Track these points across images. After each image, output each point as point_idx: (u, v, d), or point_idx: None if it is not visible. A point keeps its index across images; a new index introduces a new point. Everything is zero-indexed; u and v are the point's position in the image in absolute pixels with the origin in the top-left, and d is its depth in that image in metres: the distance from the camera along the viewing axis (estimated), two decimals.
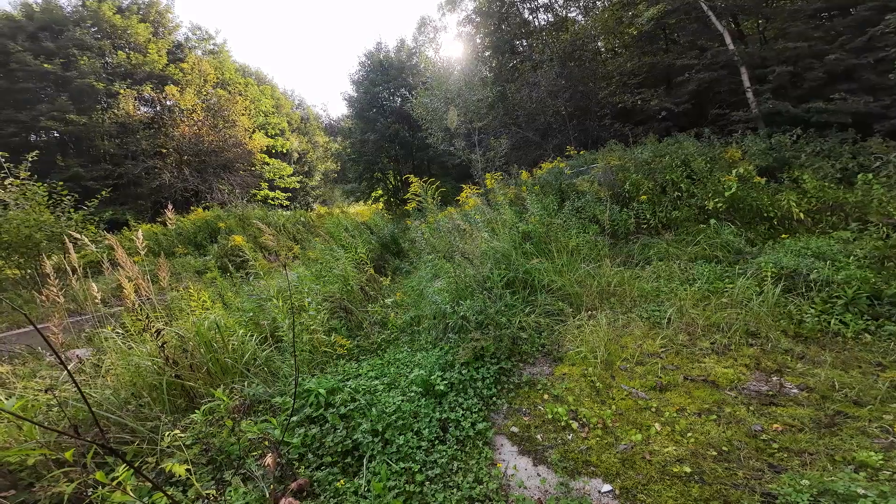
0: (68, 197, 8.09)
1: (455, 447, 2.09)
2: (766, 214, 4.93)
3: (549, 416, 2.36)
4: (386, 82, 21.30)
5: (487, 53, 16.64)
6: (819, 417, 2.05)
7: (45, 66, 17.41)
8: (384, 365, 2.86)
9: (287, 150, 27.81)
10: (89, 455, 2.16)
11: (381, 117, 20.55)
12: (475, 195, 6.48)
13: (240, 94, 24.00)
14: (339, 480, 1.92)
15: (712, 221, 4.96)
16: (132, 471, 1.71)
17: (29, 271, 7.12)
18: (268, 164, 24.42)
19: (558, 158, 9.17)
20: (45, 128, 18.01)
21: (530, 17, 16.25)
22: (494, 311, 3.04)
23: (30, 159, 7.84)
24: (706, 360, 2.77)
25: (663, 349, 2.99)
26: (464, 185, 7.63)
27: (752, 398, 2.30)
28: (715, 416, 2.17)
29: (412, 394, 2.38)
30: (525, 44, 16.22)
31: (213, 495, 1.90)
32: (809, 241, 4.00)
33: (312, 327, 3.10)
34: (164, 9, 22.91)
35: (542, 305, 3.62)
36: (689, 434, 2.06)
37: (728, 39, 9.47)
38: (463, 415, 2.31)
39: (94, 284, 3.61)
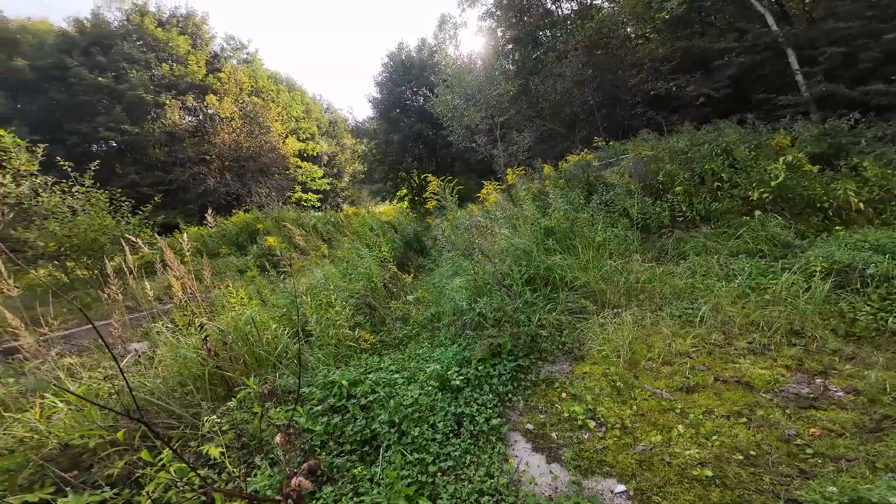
0: (126, 203, 8.94)
1: (469, 441, 2.12)
2: (818, 205, 4.52)
3: (566, 415, 2.32)
4: (408, 82, 21.57)
5: (509, 46, 16.34)
6: (863, 422, 1.87)
7: (100, 79, 18.89)
8: (405, 359, 2.94)
9: (317, 153, 28.82)
10: (137, 435, 2.41)
11: (404, 117, 20.84)
12: (497, 191, 6.43)
13: (272, 101, 25.09)
14: (356, 467, 2.01)
15: (757, 213, 4.62)
16: (174, 453, 1.89)
17: (95, 272, 7.94)
18: (300, 168, 25.38)
19: (585, 150, 8.89)
20: (103, 138, 19.64)
21: (553, 7, 15.79)
22: (512, 308, 3.02)
23: (92, 168, 8.72)
24: (741, 360, 2.61)
25: (694, 349, 2.84)
26: (486, 182, 7.58)
27: (790, 401, 2.14)
28: (745, 419, 2.04)
29: (429, 388, 2.43)
30: (548, 34, 15.73)
31: (240, 476, 2.06)
32: (867, 234, 3.63)
33: (338, 322, 3.25)
34: (200, 20, 24.28)
35: (563, 303, 3.55)
36: (715, 437, 1.96)
37: (771, 20, 8.78)
38: (478, 410, 2.33)
39: (148, 284, 3.98)
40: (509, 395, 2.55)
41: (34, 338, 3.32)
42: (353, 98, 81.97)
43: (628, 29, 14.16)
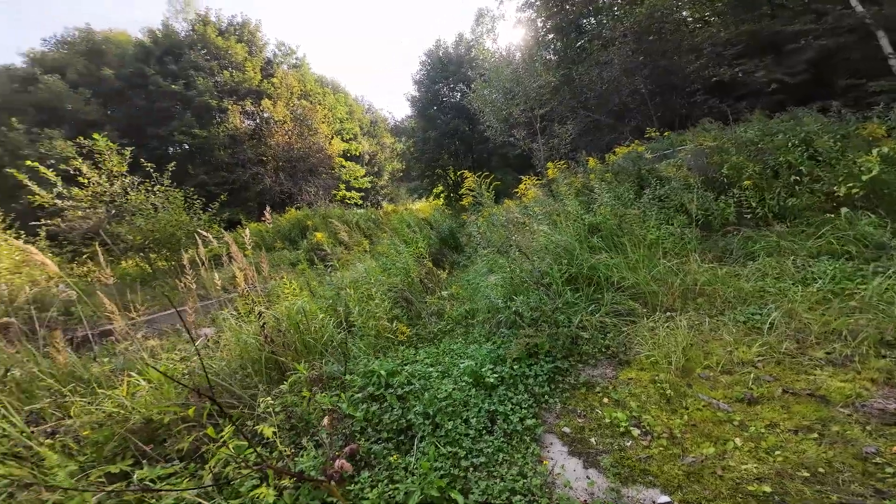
0: (197, 200, 9.93)
1: (502, 439, 2.10)
2: None
3: (607, 421, 2.22)
4: (445, 78, 21.62)
5: (550, 36, 15.57)
6: None
7: (173, 87, 20.85)
8: (439, 354, 2.97)
9: (359, 153, 29.81)
10: (205, 413, 2.66)
11: (441, 114, 20.93)
12: (536, 186, 6.22)
13: (319, 104, 26.31)
14: (392, 455, 2.07)
15: (844, 210, 4.06)
16: (234, 429, 2.07)
17: (173, 263, 8.93)
18: (344, 167, 26.48)
19: (636, 142, 8.32)
20: (178, 141, 21.68)
21: None
22: (551, 308, 2.94)
23: (170, 169, 9.79)
24: (817, 371, 2.33)
25: (760, 358, 2.58)
26: (524, 177, 7.38)
27: (873, 417, 1.87)
28: (816, 435, 1.82)
29: (463, 383, 2.45)
30: (593, 21, 14.86)
31: (288, 455, 2.22)
32: None
33: (378, 314, 3.36)
34: (254, 28, 25.84)
35: (608, 304, 3.37)
36: (778, 452, 1.76)
37: (854, 1, 7.64)
38: (512, 409, 2.30)
39: (216, 274, 4.38)
40: (545, 397, 2.48)
41: (125, 321, 3.80)
42: (393, 97, 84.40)
43: (684, 13, 12.98)
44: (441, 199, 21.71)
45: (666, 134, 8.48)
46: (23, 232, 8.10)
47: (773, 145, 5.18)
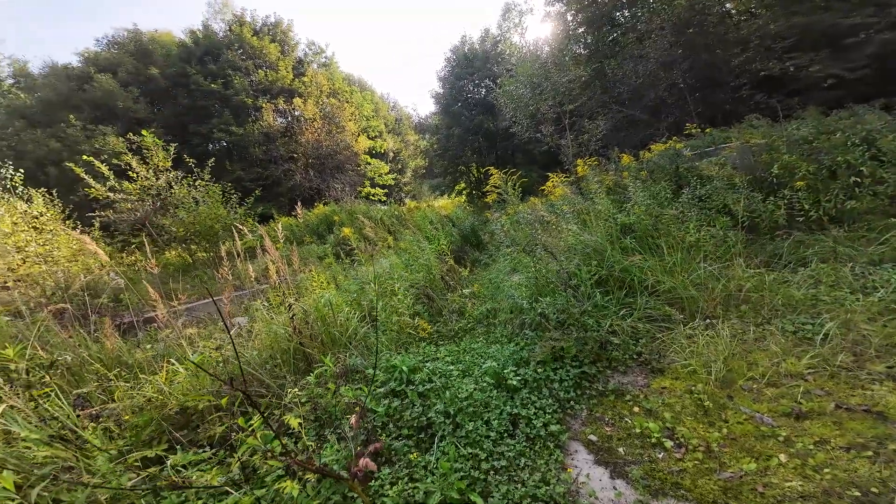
0: (234, 195, 10.37)
1: (524, 443, 2.04)
2: None
3: (638, 431, 2.11)
4: (470, 74, 21.33)
5: (580, 30, 15.01)
6: None
7: (212, 86, 21.80)
8: (460, 352, 2.94)
9: (384, 150, 30.15)
10: (237, 402, 2.75)
11: (465, 111, 20.70)
12: (563, 184, 6.00)
13: (347, 102, 26.77)
14: (412, 453, 2.07)
15: None
16: (263, 420, 2.13)
17: (211, 254, 9.38)
18: (369, 164, 26.87)
19: (674, 138, 7.88)
20: (217, 138, 22.68)
21: None
22: (579, 311, 2.83)
23: (210, 165, 10.28)
24: (875, 386, 2.12)
25: (811, 370, 2.38)
26: (551, 174, 7.15)
27: None
28: (870, 453, 1.66)
29: (484, 384, 2.40)
30: (627, 14, 14.20)
31: (313, 447, 2.26)
32: None
33: (400, 310, 3.37)
34: (286, 28, 26.51)
35: (642, 309, 3.21)
36: (827, 470, 1.62)
37: None
38: (535, 413, 2.23)
39: (250, 266, 4.55)
40: (571, 403, 2.39)
41: (166, 309, 4.00)
42: (418, 95, 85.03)
43: (728, 5, 12.16)
44: (463, 196, 21.60)
45: (707, 130, 8.00)
46: (79, 223, 8.78)
47: (829, 144, 4.77)
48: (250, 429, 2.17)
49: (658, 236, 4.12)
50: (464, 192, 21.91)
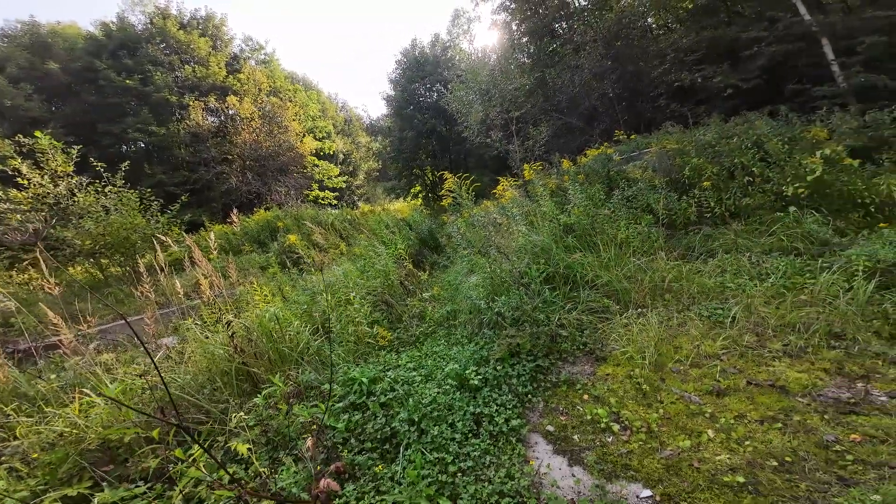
0: (155, 202, 9.31)
1: (488, 441, 2.11)
2: (859, 201, 4.26)
3: (588, 417, 2.28)
4: (422, 78, 21.55)
5: (524, 39, 15.89)
6: None
7: (127, 81, 19.55)
8: (422, 357, 2.94)
9: (333, 151, 29.25)
10: (171, 431, 2.48)
11: (417, 114, 20.85)
12: (513, 187, 6.32)
13: (290, 101, 25.53)
14: (377, 465, 2.03)
15: (792, 209, 4.39)
16: (204, 451, 1.94)
17: (128, 269, 8.31)
18: (317, 166, 25.86)
19: (605, 144, 8.64)
20: (133, 139, 20.43)
21: None
22: (531, 307, 2.98)
23: (123, 169, 9.13)
24: (776, 363, 2.49)
25: (725, 351, 2.74)
26: (501, 178, 7.47)
27: (829, 406, 2.03)
28: (780, 425, 1.95)
29: (447, 387, 2.43)
30: (565, 26, 15.33)
31: (266, 473, 2.11)
32: None
33: (357, 319, 3.28)
34: (219, 22, 24.80)
35: (584, 302, 3.48)
36: (748, 442, 1.88)
37: (803, 10, 8.33)
38: (497, 410, 2.31)
39: (177, 281, 4.12)
40: (529, 396, 2.52)
41: (73, 333, 3.48)
42: (368, 97, 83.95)
43: (649, 19, 13.61)
44: (419, 199, 21.57)
45: (632, 137, 8.84)
46: None
47: (728, 148, 5.52)
48: (191, 459, 1.98)
49: (595, 234, 4.48)
50: (420, 194, 21.87)
